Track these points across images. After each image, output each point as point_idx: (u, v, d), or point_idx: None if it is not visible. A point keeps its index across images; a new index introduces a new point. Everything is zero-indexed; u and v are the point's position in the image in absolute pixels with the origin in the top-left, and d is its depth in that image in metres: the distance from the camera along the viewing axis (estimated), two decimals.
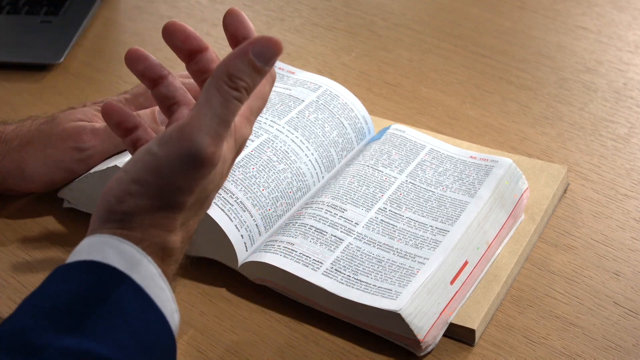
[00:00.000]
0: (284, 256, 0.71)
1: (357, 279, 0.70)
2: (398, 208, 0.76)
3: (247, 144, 0.79)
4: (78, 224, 0.81)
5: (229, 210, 0.73)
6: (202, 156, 0.52)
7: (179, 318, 0.54)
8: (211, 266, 0.75)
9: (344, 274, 0.70)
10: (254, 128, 0.81)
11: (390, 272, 0.70)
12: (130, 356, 0.49)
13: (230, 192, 0.74)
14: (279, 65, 0.91)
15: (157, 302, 0.51)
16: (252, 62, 0.53)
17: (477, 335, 0.69)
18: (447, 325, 0.68)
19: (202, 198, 0.56)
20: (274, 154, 0.79)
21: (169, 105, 0.62)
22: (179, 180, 0.53)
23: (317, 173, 0.81)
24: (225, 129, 0.53)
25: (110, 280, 0.50)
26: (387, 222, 0.75)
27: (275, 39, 0.53)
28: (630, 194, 0.83)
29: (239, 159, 0.77)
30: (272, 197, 0.76)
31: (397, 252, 0.72)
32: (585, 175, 0.86)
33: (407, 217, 0.76)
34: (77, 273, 0.51)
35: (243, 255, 0.73)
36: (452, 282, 0.70)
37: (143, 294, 0.51)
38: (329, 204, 0.76)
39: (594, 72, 1.02)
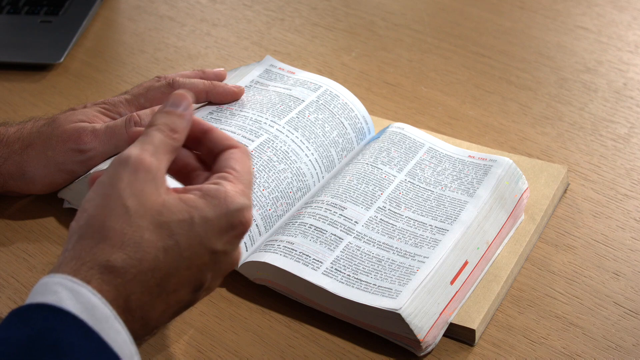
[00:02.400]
0: (284, 255, 0.71)
1: (357, 278, 0.70)
2: (397, 207, 0.77)
3: (247, 144, 0.79)
4: None
5: None
6: (126, 157, 0.55)
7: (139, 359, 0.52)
8: None
9: (344, 274, 0.70)
10: (253, 128, 0.81)
11: (390, 271, 0.70)
12: None
13: None
14: (279, 66, 0.91)
15: (112, 345, 0.50)
16: (166, 110, 0.60)
17: (477, 335, 0.69)
18: (447, 325, 0.68)
19: (157, 222, 0.54)
20: (274, 154, 0.79)
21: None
22: (118, 183, 0.54)
23: (317, 173, 0.81)
24: (148, 145, 0.56)
25: (60, 325, 0.49)
26: (387, 222, 0.75)
27: (185, 95, 0.60)
28: (630, 194, 0.83)
29: None
30: (272, 197, 0.76)
31: (396, 251, 0.72)
32: (585, 175, 0.86)
33: (406, 217, 0.76)
34: (28, 317, 0.50)
35: (243, 255, 0.73)
36: (452, 282, 0.70)
37: (96, 337, 0.49)
38: (329, 203, 0.76)
39: (594, 72, 1.02)
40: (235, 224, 0.57)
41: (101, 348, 0.50)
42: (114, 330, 0.50)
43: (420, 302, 0.67)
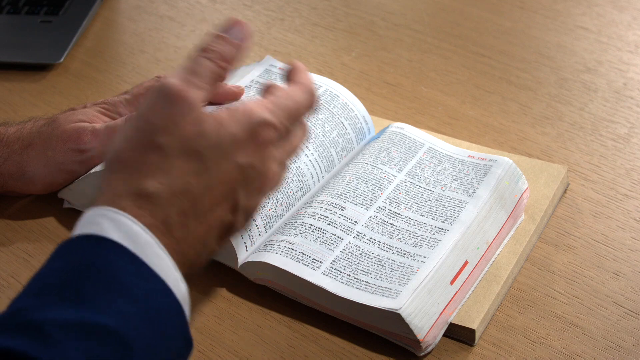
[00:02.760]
0: (284, 255, 0.71)
1: (357, 278, 0.70)
2: (397, 207, 0.77)
3: None
4: None
5: None
6: (168, 90, 0.54)
7: (185, 287, 0.53)
8: (211, 266, 0.75)
9: (344, 273, 0.70)
10: None
11: (390, 271, 0.70)
12: (132, 324, 0.48)
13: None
14: (279, 65, 0.91)
15: (157, 270, 0.51)
16: (220, 35, 0.59)
17: (477, 335, 0.69)
18: (447, 325, 0.68)
19: (189, 151, 0.54)
20: None
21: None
22: (152, 117, 0.54)
23: (317, 173, 0.81)
24: (194, 76, 0.56)
25: (105, 252, 0.50)
26: (387, 221, 0.75)
27: (242, 22, 0.60)
28: (630, 194, 0.83)
29: None
30: (272, 197, 0.76)
31: (396, 251, 0.72)
32: (585, 175, 0.86)
33: (406, 216, 0.76)
34: (74, 248, 0.51)
35: (243, 255, 0.73)
36: (452, 282, 0.70)
37: (139, 262, 0.50)
38: (329, 203, 0.76)
39: (594, 72, 1.02)
40: (256, 135, 0.57)
41: (146, 273, 0.50)
42: (156, 256, 0.51)
43: (420, 302, 0.67)
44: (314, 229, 0.74)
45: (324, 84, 0.88)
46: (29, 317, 0.46)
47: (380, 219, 0.75)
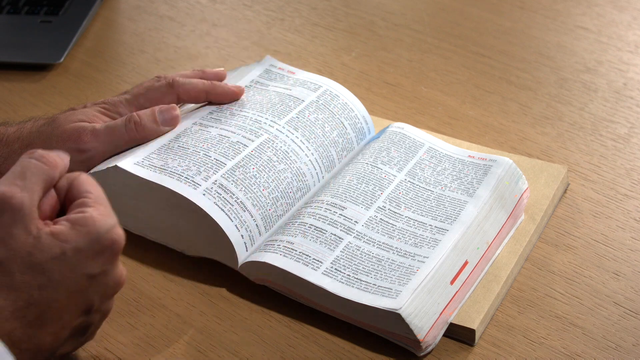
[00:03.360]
0: (284, 255, 0.71)
1: (357, 278, 0.70)
2: (397, 207, 0.77)
3: (247, 144, 0.79)
4: None
5: (229, 211, 0.73)
6: None
7: None
8: (211, 266, 0.75)
9: (344, 273, 0.70)
10: (253, 128, 0.81)
11: (390, 271, 0.70)
12: None
13: (231, 192, 0.74)
14: (279, 65, 0.91)
15: None
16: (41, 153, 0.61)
17: (477, 335, 0.69)
18: (447, 325, 0.68)
19: (31, 265, 0.55)
20: (274, 154, 0.79)
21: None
22: None
23: (317, 173, 0.81)
24: (20, 179, 0.57)
25: None
26: (387, 221, 0.75)
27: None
28: (630, 194, 0.83)
29: (238, 159, 0.77)
30: (272, 197, 0.76)
31: (396, 251, 0.72)
32: (585, 175, 0.86)
33: (406, 217, 0.76)
34: None
35: (243, 255, 0.73)
36: (452, 282, 0.70)
37: None
38: (329, 202, 0.76)
39: (594, 72, 1.02)
40: (107, 245, 0.58)
41: None
42: None
43: (420, 302, 0.67)
44: (314, 229, 0.74)
45: (324, 84, 0.88)
46: None
47: (381, 218, 0.75)
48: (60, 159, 0.60)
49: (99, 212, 0.59)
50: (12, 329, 0.54)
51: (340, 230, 0.74)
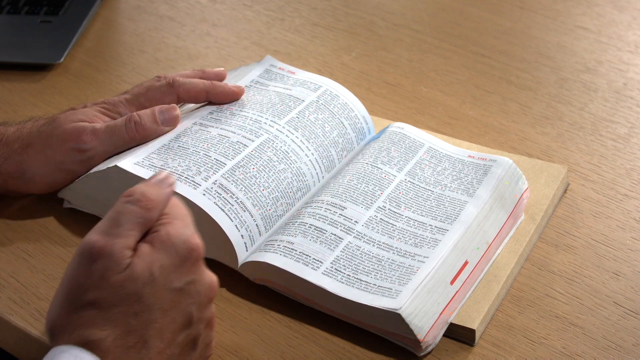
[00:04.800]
0: (284, 255, 0.71)
1: (357, 278, 0.70)
2: (397, 207, 0.77)
3: (247, 144, 0.79)
4: (78, 224, 0.81)
5: (229, 210, 0.73)
6: (89, 248, 0.57)
7: None
8: (211, 266, 0.75)
9: (344, 273, 0.70)
10: (253, 128, 0.81)
11: (390, 271, 0.70)
12: None
13: (231, 192, 0.74)
14: (279, 65, 0.91)
15: None
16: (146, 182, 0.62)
17: (477, 335, 0.69)
18: (447, 325, 0.68)
19: (125, 296, 0.56)
20: (274, 154, 0.79)
21: None
22: (79, 278, 0.57)
23: (317, 173, 0.81)
24: (115, 227, 0.58)
25: None
26: (387, 221, 0.75)
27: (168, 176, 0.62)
28: (630, 194, 0.83)
29: (238, 159, 0.77)
30: (273, 197, 0.76)
31: (396, 251, 0.72)
32: (585, 175, 0.86)
33: (406, 216, 0.76)
34: None
35: (243, 255, 0.73)
36: (452, 282, 0.70)
37: None
38: (329, 202, 0.76)
39: (594, 72, 1.02)
40: (186, 255, 0.59)
41: None
42: None
43: (420, 302, 0.67)
44: (314, 229, 0.74)
45: (324, 84, 0.88)
46: None
47: (381, 218, 0.75)
48: (158, 199, 0.60)
49: (173, 226, 0.60)
50: (116, 357, 0.55)
51: (340, 230, 0.74)
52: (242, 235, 0.73)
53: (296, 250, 0.72)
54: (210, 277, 0.62)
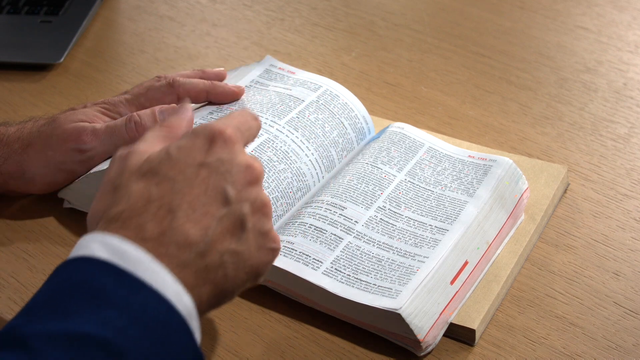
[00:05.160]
0: (284, 255, 0.71)
1: (357, 278, 0.70)
2: (397, 207, 0.77)
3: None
4: (78, 224, 0.81)
5: None
6: (120, 152, 0.59)
7: (191, 301, 0.52)
8: None
9: (344, 273, 0.70)
10: None
11: (390, 271, 0.70)
12: (122, 332, 0.48)
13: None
14: (279, 65, 0.91)
15: (151, 283, 0.51)
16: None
17: (477, 335, 0.69)
18: (447, 325, 0.68)
19: (142, 173, 0.56)
20: (274, 154, 0.79)
21: None
22: (108, 177, 0.58)
23: (317, 173, 0.81)
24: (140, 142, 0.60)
25: (92, 269, 0.51)
26: (387, 221, 0.75)
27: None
28: (630, 194, 0.83)
29: None
30: (272, 197, 0.76)
31: (396, 251, 0.72)
32: (585, 175, 0.86)
33: (406, 216, 0.76)
34: (63, 270, 0.52)
35: None
36: (452, 282, 0.70)
37: (129, 276, 0.50)
38: (329, 202, 0.76)
39: (594, 72, 1.02)
40: (210, 137, 0.57)
41: (136, 285, 0.50)
42: (150, 271, 0.51)
43: (420, 302, 0.67)
44: (314, 229, 0.74)
45: (324, 84, 0.88)
46: (16, 334, 0.47)
47: (381, 218, 0.75)
48: (179, 124, 0.62)
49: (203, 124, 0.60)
50: (138, 225, 0.53)
51: (340, 230, 0.74)
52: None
53: (296, 250, 0.72)
54: (248, 160, 0.58)
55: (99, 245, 0.51)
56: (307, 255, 0.71)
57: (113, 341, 0.47)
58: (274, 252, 0.59)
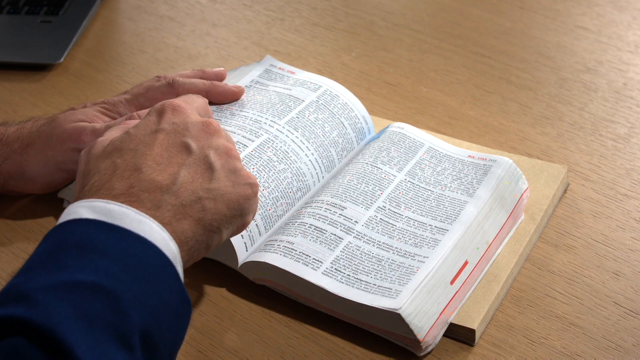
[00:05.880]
0: (284, 255, 0.71)
1: (357, 278, 0.70)
2: (397, 207, 0.77)
3: (247, 144, 0.79)
4: None
5: None
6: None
7: (176, 247, 0.57)
8: (211, 266, 0.75)
9: (344, 273, 0.70)
10: (253, 128, 0.81)
11: (390, 271, 0.70)
12: (115, 277, 0.52)
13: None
14: (279, 65, 0.91)
15: (138, 232, 0.55)
16: None
17: (477, 335, 0.69)
18: (447, 325, 0.68)
19: (104, 154, 0.62)
20: (274, 154, 0.79)
21: None
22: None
23: (317, 173, 0.81)
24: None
25: (81, 228, 0.54)
26: (387, 221, 0.75)
27: None
28: (630, 194, 0.83)
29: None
30: (272, 197, 0.76)
31: (396, 251, 0.72)
32: (585, 175, 0.86)
33: (406, 216, 0.76)
34: (55, 233, 0.55)
35: (243, 255, 0.73)
36: (452, 282, 0.70)
37: (116, 227, 0.54)
38: (329, 202, 0.76)
39: (594, 72, 1.02)
40: (160, 109, 0.65)
41: (125, 235, 0.55)
42: (137, 222, 0.56)
43: (420, 302, 0.67)
44: (314, 229, 0.74)
45: (324, 84, 0.88)
46: (18, 290, 0.50)
47: (380, 218, 0.75)
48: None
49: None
50: (112, 184, 0.59)
51: (340, 230, 0.74)
52: (242, 236, 0.73)
53: (296, 250, 0.72)
54: (201, 119, 0.65)
55: (86, 209, 0.55)
56: (307, 255, 0.71)
57: (107, 285, 0.51)
58: (252, 186, 0.64)
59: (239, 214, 0.63)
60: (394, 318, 0.66)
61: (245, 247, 0.73)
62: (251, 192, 0.64)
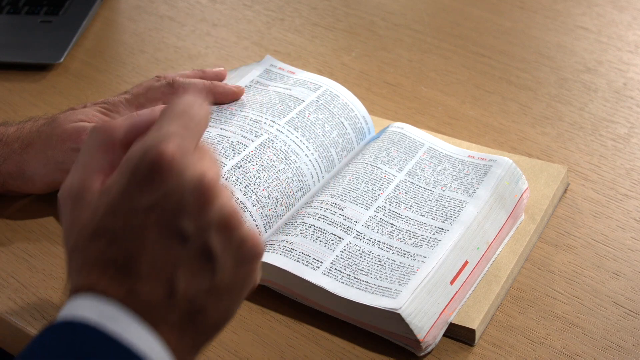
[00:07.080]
0: (284, 255, 0.71)
1: (356, 278, 0.70)
2: (397, 207, 0.77)
3: (247, 144, 0.79)
4: None
5: None
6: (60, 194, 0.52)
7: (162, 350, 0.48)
8: None
9: (344, 273, 0.70)
10: (253, 128, 0.81)
11: (390, 271, 0.70)
12: None
13: (230, 192, 0.74)
14: (279, 65, 0.91)
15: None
16: None
17: (477, 335, 0.69)
18: (447, 325, 0.68)
19: (96, 231, 0.49)
20: (274, 154, 0.79)
21: None
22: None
23: (317, 173, 0.81)
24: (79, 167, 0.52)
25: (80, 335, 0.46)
26: (387, 221, 0.75)
27: None
28: (630, 194, 0.83)
29: (238, 159, 0.77)
30: (272, 197, 0.76)
31: (396, 251, 0.72)
32: (585, 175, 0.86)
33: (406, 216, 0.76)
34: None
35: None
36: (452, 282, 0.70)
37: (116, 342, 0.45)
38: (329, 202, 0.76)
39: (594, 72, 1.02)
40: (149, 167, 0.48)
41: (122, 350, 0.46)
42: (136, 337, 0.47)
43: (420, 302, 0.67)
44: (314, 229, 0.74)
45: (324, 84, 0.88)
46: None
47: (380, 218, 0.75)
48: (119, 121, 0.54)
49: (142, 140, 0.49)
50: (106, 287, 0.47)
51: (340, 230, 0.74)
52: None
53: (296, 250, 0.72)
54: (196, 175, 0.49)
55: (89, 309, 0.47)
56: (307, 255, 0.71)
57: None
58: (256, 257, 0.53)
59: (244, 294, 0.54)
60: (393, 318, 0.66)
61: None
62: (256, 265, 0.53)
